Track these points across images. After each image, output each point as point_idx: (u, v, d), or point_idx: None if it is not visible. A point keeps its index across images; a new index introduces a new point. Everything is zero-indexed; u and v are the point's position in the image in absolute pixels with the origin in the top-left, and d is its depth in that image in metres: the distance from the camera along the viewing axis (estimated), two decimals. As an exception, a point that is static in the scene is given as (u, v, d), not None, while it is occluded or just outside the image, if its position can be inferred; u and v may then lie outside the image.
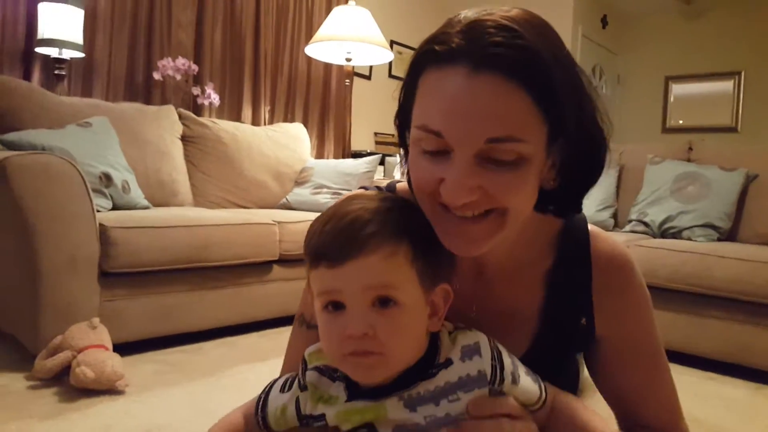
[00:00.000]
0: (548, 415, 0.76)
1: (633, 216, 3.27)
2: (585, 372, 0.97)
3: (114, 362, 1.85)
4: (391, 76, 5.23)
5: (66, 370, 1.86)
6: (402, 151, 0.83)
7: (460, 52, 0.66)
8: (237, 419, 0.82)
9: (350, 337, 0.65)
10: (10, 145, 2.26)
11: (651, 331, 0.88)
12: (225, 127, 3.46)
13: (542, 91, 0.66)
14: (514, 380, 0.71)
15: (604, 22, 5.82)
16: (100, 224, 2.12)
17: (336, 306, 0.67)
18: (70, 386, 1.83)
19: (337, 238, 0.67)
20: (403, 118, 0.79)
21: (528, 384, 0.73)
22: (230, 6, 3.91)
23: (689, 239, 2.95)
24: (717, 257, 2.51)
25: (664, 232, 3.09)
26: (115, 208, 2.47)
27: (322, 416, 0.72)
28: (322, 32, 3.66)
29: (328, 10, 4.11)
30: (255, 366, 2.20)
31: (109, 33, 3.28)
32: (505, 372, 0.71)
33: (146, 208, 2.65)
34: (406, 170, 0.80)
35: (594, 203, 3.39)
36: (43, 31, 2.83)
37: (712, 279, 2.49)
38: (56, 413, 1.69)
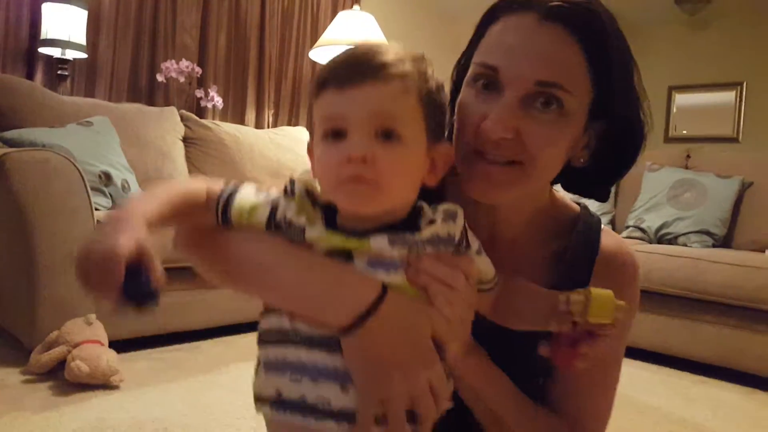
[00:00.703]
0: (495, 301, 0.78)
1: (630, 222, 3.29)
2: None
3: (109, 357, 1.88)
4: (394, 81, 5.24)
5: (61, 364, 1.88)
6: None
7: (534, 2, 0.73)
8: (199, 190, 0.74)
9: (349, 161, 0.63)
10: (11, 143, 2.29)
11: (619, 340, 0.88)
12: (227, 129, 3.47)
13: (597, 55, 0.73)
14: (479, 251, 0.73)
15: (608, 30, 5.85)
16: (98, 221, 2.14)
17: (337, 134, 0.65)
18: (65, 380, 1.85)
19: (350, 61, 0.66)
20: (462, 68, 0.84)
21: (487, 261, 0.75)
22: (235, 9, 3.94)
23: (685, 245, 2.97)
24: (710, 262, 2.53)
25: (661, 238, 3.11)
26: (114, 207, 2.49)
27: (301, 227, 0.69)
28: (326, 36, 3.68)
29: (333, 15, 4.13)
30: (251, 364, 2.19)
31: (112, 34, 3.31)
32: (471, 239, 0.72)
33: (146, 207, 2.67)
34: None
35: (592, 208, 3.40)
36: (47, 31, 2.87)
37: (706, 284, 2.51)
38: (50, 406, 1.71)
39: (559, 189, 0.93)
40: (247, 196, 0.73)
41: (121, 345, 2.14)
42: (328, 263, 0.68)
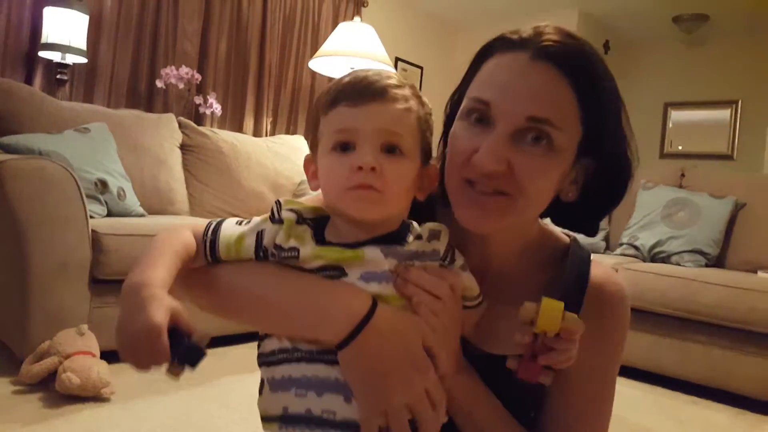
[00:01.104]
0: (477, 322, 0.82)
1: (624, 239, 3.31)
2: None
3: (100, 369, 1.87)
4: (393, 92, 5.24)
5: (52, 375, 1.87)
6: (441, 145, 0.89)
7: (527, 41, 0.76)
8: (190, 241, 0.77)
9: (360, 170, 0.68)
10: (8, 149, 2.28)
11: (610, 369, 0.88)
12: (224, 136, 3.47)
13: (587, 94, 0.75)
14: (464, 267, 0.79)
15: (607, 47, 5.86)
16: (93, 230, 2.13)
17: (345, 147, 0.71)
18: (56, 392, 1.84)
19: (360, 82, 0.73)
20: (455, 102, 0.86)
21: (471, 278, 0.79)
22: (236, 17, 3.95)
23: (678, 264, 2.98)
24: (702, 283, 2.54)
25: (654, 256, 3.12)
26: (110, 214, 2.48)
27: (293, 249, 0.72)
28: (326, 47, 3.69)
29: (334, 25, 4.14)
30: (243, 377, 2.20)
31: (113, 39, 3.31)
32: (456, 255, 0.78)
33: (141, 215, 2.67)
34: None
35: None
36: (47, 35, 2.87)
37: (698, 304, 2.52)
38: (40, 418, 1.70)
39: (548, 222, 0.94)
40: (231, 228, 0.77)
41: (112, 355, 2.12)
42: (316, 282, 0.72)
